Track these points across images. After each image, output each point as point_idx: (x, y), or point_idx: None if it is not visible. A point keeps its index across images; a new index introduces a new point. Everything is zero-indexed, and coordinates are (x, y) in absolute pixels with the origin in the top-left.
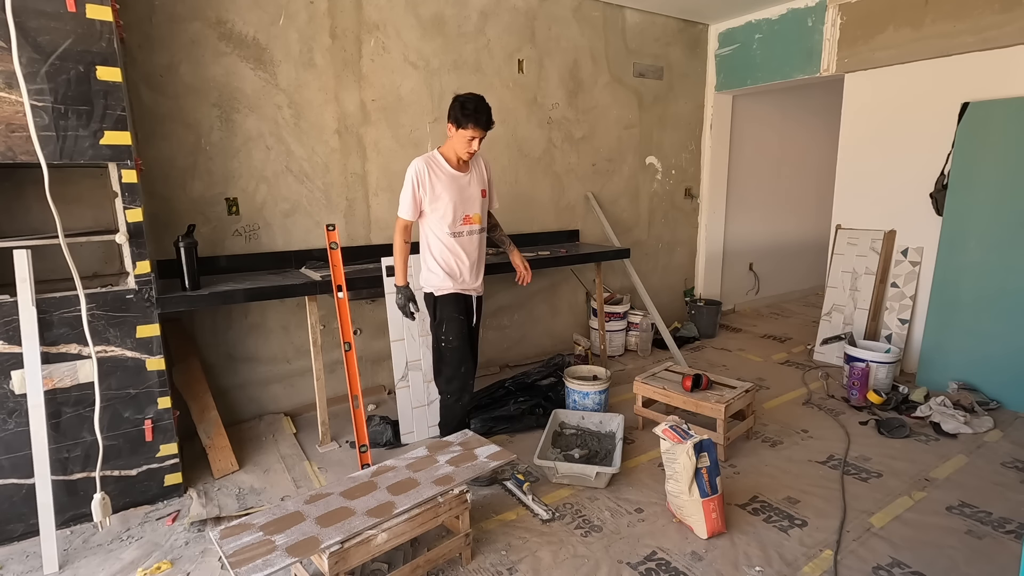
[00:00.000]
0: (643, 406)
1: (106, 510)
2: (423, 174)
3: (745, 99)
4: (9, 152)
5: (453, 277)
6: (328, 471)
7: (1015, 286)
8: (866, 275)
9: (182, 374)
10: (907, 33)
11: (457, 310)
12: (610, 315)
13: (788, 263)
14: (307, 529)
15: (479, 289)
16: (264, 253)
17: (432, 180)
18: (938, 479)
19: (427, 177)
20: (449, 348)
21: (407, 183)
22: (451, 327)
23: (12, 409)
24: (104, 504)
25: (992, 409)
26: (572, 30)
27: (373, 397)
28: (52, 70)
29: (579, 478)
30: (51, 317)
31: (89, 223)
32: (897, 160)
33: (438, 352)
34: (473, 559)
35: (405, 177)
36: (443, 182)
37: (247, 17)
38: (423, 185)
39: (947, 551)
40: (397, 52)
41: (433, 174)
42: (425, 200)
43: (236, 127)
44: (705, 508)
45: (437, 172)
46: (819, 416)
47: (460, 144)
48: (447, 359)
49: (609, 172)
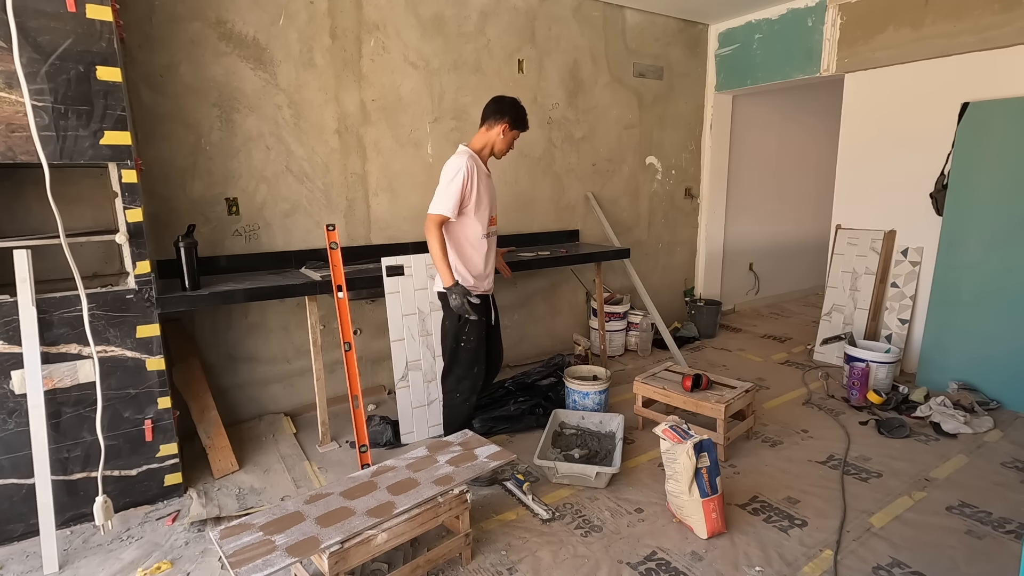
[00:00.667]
0: (643, 406)
1: (108, 513)
2: (473, 171)
3: (745, 99)
4: (9, 152)
5: (479, 278)
6: (328, 471)
7: (1015, 286)
8: (866, 275)
9: (182, 374)
10: (907, 33)
11: (478, 311)
12: (610, 315)
13: (788, 263)
14: (307, 529)
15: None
16: (264, 253)
17: (478, 179)
18: (938, 479)
19: (475, 175)
20: (468, 349)
21: (456, 178)
22: (473, 327)
23: (12, 409)
24: (106, 507)
25: (992, 409)
26: (572, 30)
27: (373, 397)
28: (52, 70)
29: (579, 478)
30: (51, 317)
31: (89, 223)
32: (897, 160)
33: (454, 352)
34: (473, 559)
35: (449, 171)
36: (483, 182)
37: (247, 17)
38: (472, 183)
39: (947, 551)
40: (397, 52)
41: (479, 172)
42: (471, 198)
43: (236, 127)
44: (705, 508)
45: (481, 171)
46: (819, 416)
47: (505, 143)
48: (462, 359)
49: (609, 172)
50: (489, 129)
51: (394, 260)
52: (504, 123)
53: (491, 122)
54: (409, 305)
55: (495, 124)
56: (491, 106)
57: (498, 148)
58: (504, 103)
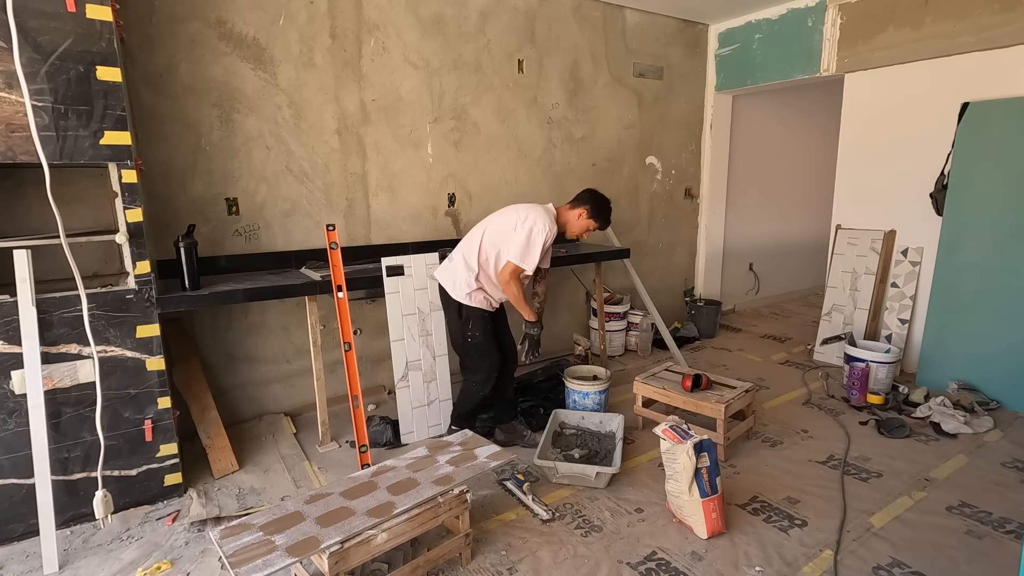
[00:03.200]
0: (643, 406)
1: (108, 507)
2: (552, 236)
3: (745, 99)
4: (9, 152)
5: (492, 305)
6: (328, 471)
7: (1015, 286)
8: (866, 275)
9: (182, 374)
10: (907, 33)
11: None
12: (610, 315)
13: (788, 263)
14: (307, 529)
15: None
16: (264, 253)
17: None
18: (938, 479)
19: (551, 239)
20: (475, 343)
21: (536, 238)
22: (477, 323)
23: (12, 409)
24: (106, 501)
25: (992, 409)
26: (572, 30)
27: (373, 397)
28: (52, 70)
29: (579, 478)
30: (51, 317)
31: (89, 223)
32: (897, 160)
33: (463, 347)
34: (473, 559)
35: (532, 230)
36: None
37: (247, 17)
38: (546, 245)
39: (947, 551)
40: (397, 52)
41: (552, 237)
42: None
43: (236, 127)
44: (705, 508)
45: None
46: (819, 416)
47: (580, 228)
48: (472, 352)
49: (609, 172)
50: (573, 208)
51: (394, 260)
52: (582, 209)
53: (576, 203)
54: (409, 305)
55: (578, 207)
56: (586, 193)
57: (575, 229)
58: (597, 197)
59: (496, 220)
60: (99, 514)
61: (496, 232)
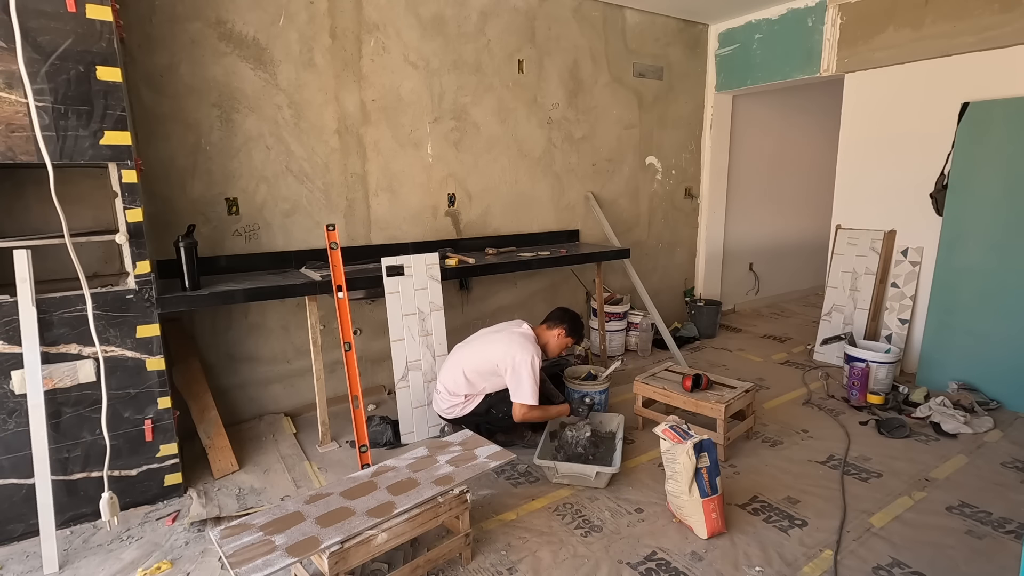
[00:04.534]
0: (643, 406)
1: (114, 509)
2: (539, 362)
3: (745, 99)
4: (9, 152)
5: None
6: (328, 471)
7: (1015, 286)
8: (866, 275)
9: (182, 374)
10: (907, 33)
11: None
12: (610, 315)
13: (788, 263)
14: (307, 529)
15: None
16: (264, 253)
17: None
18: (938, 479)
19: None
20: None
21: (531, 373)
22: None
23: (12, 409)
24: (112, 503)
25: (992, 409)
26: (572, 30)
27: (373, 397)
28: (52, 70)
29: (579, 478)
30: (51, 317)
31: (89, 223)
32: (897, 160)
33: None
34: (473, 559)
35: (526, 366)
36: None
37: (247, 17)
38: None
39: (947, 551)
40: (397, 52)
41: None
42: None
43: (236, 127)
44: (705, 508)
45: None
46: (819, 416)
47: (560, 347)
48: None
49: (609, 172)
50: (549, 329)
51: (394, 260)
52: (558, 328)
53: (552, 324)
54: (409, 305)
55: (555, 327)
56: (557, 312)
57: (552, 348)
58: (571, 315)
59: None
60: (106, 516)
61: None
